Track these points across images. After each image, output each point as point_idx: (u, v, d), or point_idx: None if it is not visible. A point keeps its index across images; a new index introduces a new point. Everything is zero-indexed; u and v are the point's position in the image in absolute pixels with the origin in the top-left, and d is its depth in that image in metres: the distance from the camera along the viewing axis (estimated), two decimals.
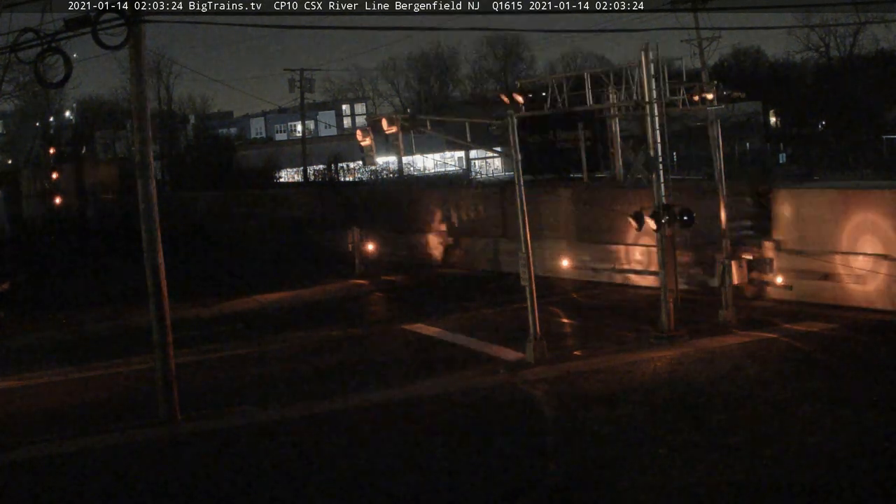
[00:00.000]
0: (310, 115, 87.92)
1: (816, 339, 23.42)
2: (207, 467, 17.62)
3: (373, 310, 33.94)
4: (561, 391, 20.65)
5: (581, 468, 16.07)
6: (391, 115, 27.07)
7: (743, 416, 17.89)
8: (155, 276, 20.17)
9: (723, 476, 15.06)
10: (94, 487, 17.00)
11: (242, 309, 34.42)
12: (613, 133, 35.21)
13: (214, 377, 24.32)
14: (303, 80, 72.19)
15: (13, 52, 19.11)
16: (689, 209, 24.27)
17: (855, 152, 71.39)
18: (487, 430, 18.52)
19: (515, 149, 23.74)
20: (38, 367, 26.67)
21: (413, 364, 24.07)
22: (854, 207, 26.28)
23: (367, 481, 16.20)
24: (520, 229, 23.66)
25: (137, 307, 29.62)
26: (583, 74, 27.20)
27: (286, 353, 26.70)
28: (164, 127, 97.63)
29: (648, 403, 19.09)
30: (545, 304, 27.31)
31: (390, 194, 50.73)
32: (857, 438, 16.38)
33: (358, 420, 19.76)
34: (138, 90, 20.02)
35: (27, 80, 55.56)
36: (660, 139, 24.46)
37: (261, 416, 20.50)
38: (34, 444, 19.45)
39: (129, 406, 21.85)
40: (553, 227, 35.56)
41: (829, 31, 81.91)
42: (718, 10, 31.89)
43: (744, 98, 32.43)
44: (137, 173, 20.23)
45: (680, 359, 22.39)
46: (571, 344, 25.08)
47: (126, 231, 59.93)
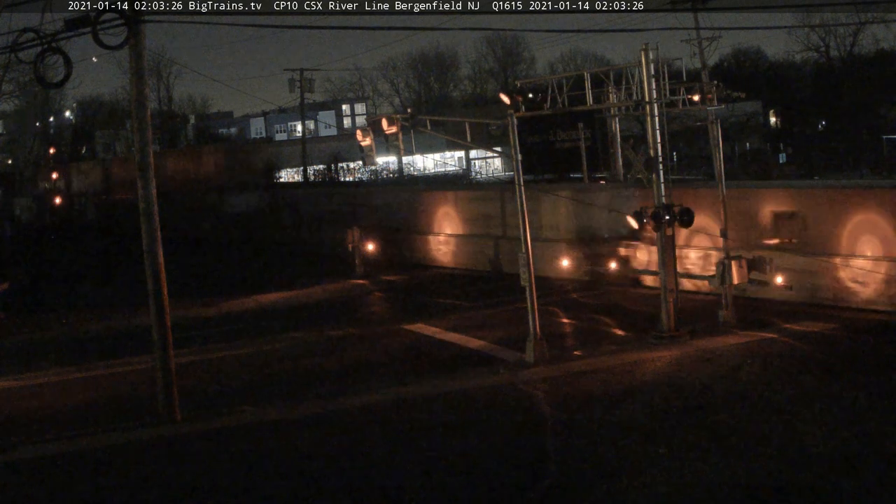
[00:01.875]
0: (310, 115, 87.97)
1: (817, 338, 23.45)
2: (207, 467, 17.62)
3: (373, 310, 33.93)
4: (561, 391, 20.65)
5: (581, 468, 16.07)
6: (391, 115, 27.04)
7: (743, 416, 17.90)
8: (155, 276, 20.18)
9: (723, 476, 15.07)
10: (93, 487, 17.00)
11: (242, 309, 34.42)
12: (613, 133, 35.26)
13: (214, 377, 24.32)
14: (303, 80, 72.21)
15: (13, 52, 19.12)
16: (690, 209, 24.30)
17: (855, 152, 71.44)
18: (487, 430, 18.52)
19: (515, 149, 23.75)
20: (38, 367, 26.68)
21: (413, 364, 24.07)
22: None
23: (367, 481, 16.21)
24: (520, 229, 23.68)
25: (137, 307, 29.65)
26: (583, 74, 27.13)
27: (286, 353, 26.70)
28: (164, 127, 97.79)
29: (648, 403, 19.09)
30: (545, 304, 27.32)
31: (390, 194, 50.71)
32: (857, 438, 16.38)
33: (357, 420, 19.77)
34: (138, 90, 20.03)
35: (27, 80, 55.58)
36: (660, 139, 24.48)
37: (261, 416, 20.50)
38: (34, 444, 19.45)
39: (129, 406, 21.85)
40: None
41: (829, 31, 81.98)
42: (718, 10, 31.91)
43: (744, 98, 32.43)
44: (137, 173, 20.24)
45: (680, 359, 22.40)
46: (571, 344, 25.08)
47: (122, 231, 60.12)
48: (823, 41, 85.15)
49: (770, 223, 28.44)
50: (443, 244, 41.87)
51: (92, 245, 59.96)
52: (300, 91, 72.54)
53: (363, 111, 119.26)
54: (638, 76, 24.51)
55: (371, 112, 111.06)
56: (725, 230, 26.33)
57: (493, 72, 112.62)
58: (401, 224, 44.09)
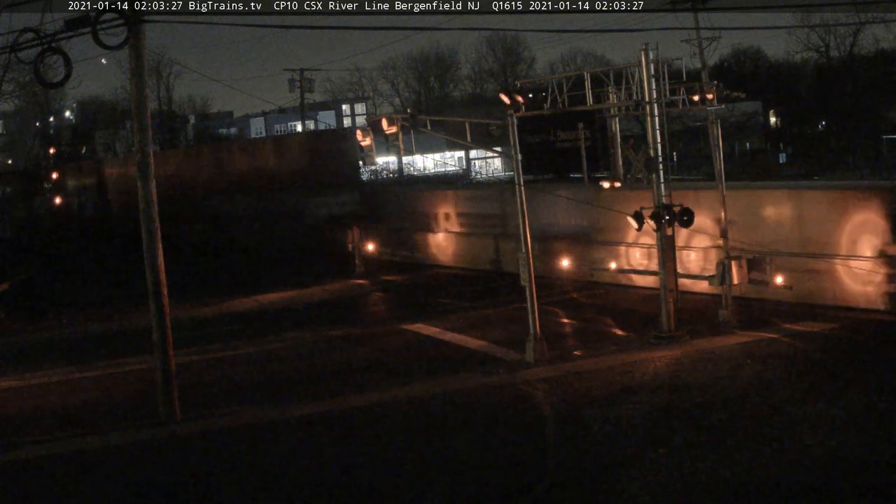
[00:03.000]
0: (310, 115, 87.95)
1: (817, 338, 23.45)
2: (207, 467, 17.62)
3: (373, 310, 33.94)
4: (561, 391, 20.66)
5: (581, 468, 16.07)
6: (391, 115, 27.05)
7: (743, 416, 17.89)
8: (155, 275, 20.18)
9: (723, 476, 15.07)
10: (93, 487, 17.01)
11: (242, 309, 34.43)
12: (613, 133, 35.23)
13: (214, 377, 24.32)
14: (303, 80, 72.26)
15: (13, 52, 19.12)
16: (690, 209, 24.28)
17: (855, 152, 71.43)
18: (487, 430, 18.52)
19: (515, 149, 23.76)
20: (38, 367, 26.67)
21: (413, 364, 24.07)
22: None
23: (366, 481, 16.21)
24: (520, 229, 23.68)
25: (137, 307, 29.65)
26: (583, 74, 27.10)
27: (286, 353, 26.71)
28: (164, 127, 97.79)
29: (648, 403, 19.09)
30: (545, 304, 27.32)
31: (390, 194, 50.68)
32: (857, 438, 16.38)
33: (357, 420, 19.76)
34: (138, 90, 20.03)
35: (27, 80, 55.60)
36: (660, 139, 24.47)
37: (261, 416, 20.50)
38: (34, 444, 19.45)
39: (129, 406, 21.86)
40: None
41: (829, 31, 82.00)
42: (718, 10, 31.85)
43: (744, 98, 32.43)
44: (137, 173, 20.24)
45: (680, 359, 22.40)
46: (571, 344, 25.08)
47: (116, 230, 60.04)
48: (823, 41, 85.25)
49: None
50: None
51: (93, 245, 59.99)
52: (300, 91, 72.59)
53: (363, 111, 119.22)
54: (638, 76, 24.50)
55: (371, 112, 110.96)
56: (725, 230, 26.33)
57: (492, 72, 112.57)
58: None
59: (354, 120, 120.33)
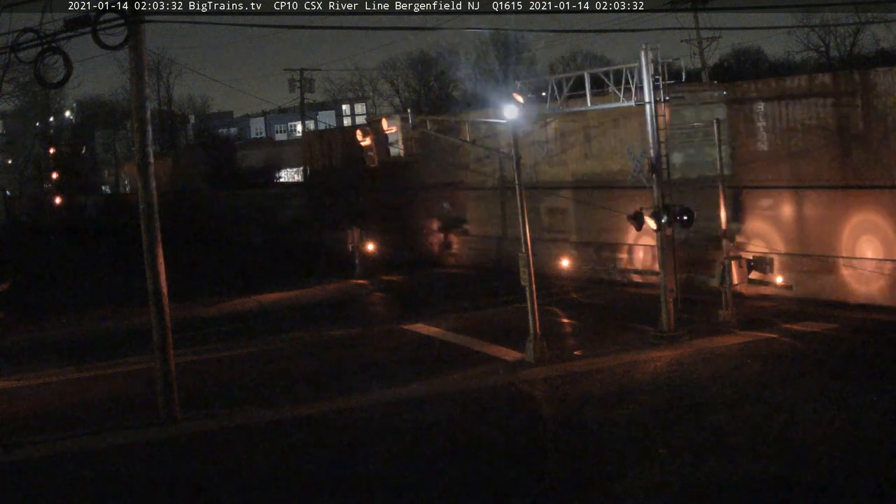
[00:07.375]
0: (310, 115, 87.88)
1: (817, 338, 23.46)
2: (207, 467, 17.62)
3: (373, 310, 33.94)
4: (561, 391, 20.66)
5: (581, 468, 16.07)
6: (391, 114, 27.02)
7: (743, 416, 17.89)
8: (155, 276, 20.18)
9: (722, 476, 15.07)
10: (94, 487, 17.01)
11: (242, 309, 34.44)
12: None
13: (214, 377, 24.32)
14: (303, 80, 72.16)
15: (13, 52, 19.11)
16: (689, 209, 24.27)
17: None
18: (487, 430, 18.51)
19: (516, 149, 23.77)
20: (38, 367, 26.69)
21: (413, 364, 24.07)
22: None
23: (367, 481, 16.21)
24: (520, 229, 23.67)
25: (137, 307, 29.64)
26: (583, 74, 27.10)
27: (286, 353, 26.71)
28: (164, 127, 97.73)
29: (648, 403, 19.09)
30: (545, 304, 27.32)
31: (390, 194, 50.66)
32: (857, 438, 16.38)
33: (357, 420, 19.77)
34: (138, 90, 20.03)
35: (27, 80, 55.58)
36: (660, 139, 24.45)
37: (261, 416, 20.50)
38: (34, 444, 19.46)
39: (129, 406, 21.87)
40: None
41: (829, 31, 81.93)
42: (718, 10, 31.96)
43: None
44: (138, 173, 20.24)
45: (680, 359, 22.39)
46: (571, 344, 25.08)
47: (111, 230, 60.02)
48: (823, 41, 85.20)
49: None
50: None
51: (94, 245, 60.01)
52: (300, 91, 72.48)
53: (363, 111, 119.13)
54: (638, 76, 24.48)
55: (371, 112, 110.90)
56: (725, 230, 26.33)
57: (493, 72, 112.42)
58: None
59: (354, 120, 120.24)
